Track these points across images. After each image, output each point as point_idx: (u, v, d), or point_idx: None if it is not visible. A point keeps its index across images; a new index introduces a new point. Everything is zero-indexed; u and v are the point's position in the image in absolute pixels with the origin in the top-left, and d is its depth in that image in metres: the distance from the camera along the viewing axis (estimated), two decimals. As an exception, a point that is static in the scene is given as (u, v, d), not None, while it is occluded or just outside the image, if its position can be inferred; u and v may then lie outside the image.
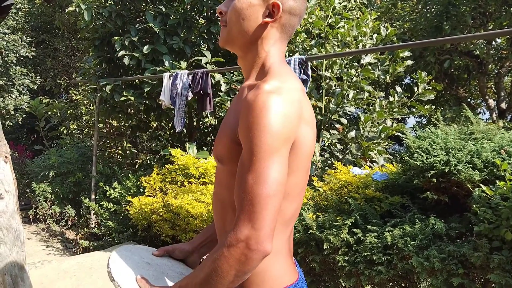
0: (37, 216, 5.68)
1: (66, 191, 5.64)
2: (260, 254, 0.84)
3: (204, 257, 1.28)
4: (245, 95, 0.97)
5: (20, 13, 9.60)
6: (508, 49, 6.90)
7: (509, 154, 2.39)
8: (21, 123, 9.05)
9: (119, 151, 6.73)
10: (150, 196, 4.07)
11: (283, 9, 1.00)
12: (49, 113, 7.53)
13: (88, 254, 4.14)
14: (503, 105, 7.66)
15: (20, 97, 8.25)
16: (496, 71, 7.77)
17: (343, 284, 2.79)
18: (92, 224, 5.29)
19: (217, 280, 0.87)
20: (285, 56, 4.94)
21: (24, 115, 8.69)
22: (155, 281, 1.11)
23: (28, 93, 8.71)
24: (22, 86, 8.41)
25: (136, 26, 5.09)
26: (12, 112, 8.18)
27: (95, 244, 4.79)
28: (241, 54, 1.08)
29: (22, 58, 8.78)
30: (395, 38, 4.71)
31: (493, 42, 7.27)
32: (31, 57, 8.77)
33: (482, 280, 2.32)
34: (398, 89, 4.44)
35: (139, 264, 1.19)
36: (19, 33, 9.03)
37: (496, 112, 7.69)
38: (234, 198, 0.92)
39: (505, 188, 2.12)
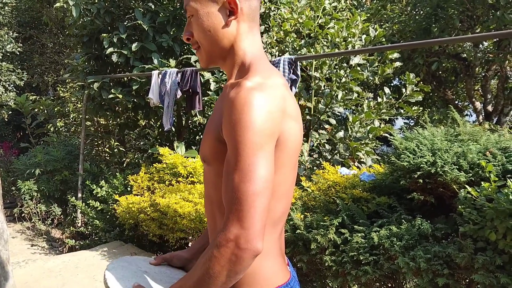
0: (22, 215, 5.61)
1: (52, 189, 5.57)
2: (251, 253, 0.83)
3: None
4: (227, 93, 0.96)
5: (6, 8, 9.45)
6: (495, 53, 6.99)
7: (494, 156, 2.42)
8: (7, 120, 8.92)
9: (107, 150, 6.68)
10: (137, 195, 4.04)
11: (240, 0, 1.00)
12: (36, 110, 7.44)
13: (74, 253, 4.09)
14: (490, 108, 7.77)
15: (6, 94, 8.12)
16: (483, 74, 7.87)
17: (330, 284, 2.80)
18: (78, 223, 5.23)
19: (209, 281, 0.86)
20: (275, 55, 4.96)
21: (10, 112, 8.56)
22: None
23: (15, 90, 8.59)
24: (8, 83, 8.29)
25: (125, 23, 5.04)
26: (-2, 109, 8.07)
27: (81, 243, 4.74)
28: (222, 61, 1.07)
29: (8, 54, 8.65)
30: (383, 40, 4.74)
31: (480, 45, 7.37)
32: (18, 53, 8.65)
33: (466, 280, 2.34)
34: (387, 90, 4.47)
35: (136, 273, 1.18)
36: (6, 28, 8.89)
37: (483, 114, 7.79)
38: (222, 198, 0.91)
39: (489, 189, 2.15)
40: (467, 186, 2.29)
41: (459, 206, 2.27)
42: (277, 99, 0.93)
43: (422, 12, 7.35)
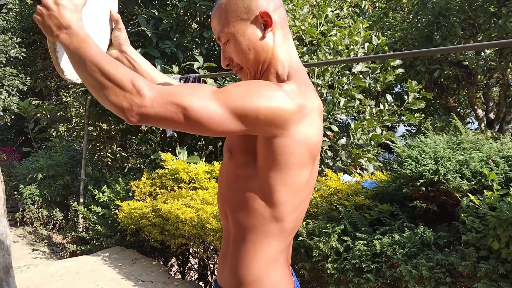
0: (24, 219, 5.61)
1: (54, 194, 5.58)
2: (128, 105, 0.85)
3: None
4: None
5: (11, 13, 9.51)
6: (497, 61, 7.01)
7: (497, 164, 2.42)
8: (9, 124, 8.94)
9: (109, 155, 6.69)
10: (139, 200, 4.04)
11: (271, 11, 1.01)
12: (39, 114, 7.48)
13: (75, 258, 4.09)
14: (491, 115, 7.77)
15: (9, 98, 8.14)
16: (485, 82, 7.88)
17: (331, 291, 2.79)
18: (80, 228, 5.23)
19: (96, 70, 0.88)
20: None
21: (13, 116, 8.57)
22: (87, 15, 1.09)
23: (18, 94, 8.61)
24: (11, 87, 8.31)
25: (129, 29, 5.07)
26: (1, 113, 8.07)
27: (83, 248, 4.74)
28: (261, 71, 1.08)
29: (12, 59, 8.68)
30: (386, 48, 4.75)
31: (482, 53, 7.38)
32: (21, 58, 8.68)
33: (469, 289, 2.34)
34: (389, 97, 4.48)
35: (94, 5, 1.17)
36: (10, 33, 8.95)
37: (485, 122, 7.79)
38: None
39: (492, 198, 2.15)
40: (469, 194, 2.29)
41: (462, 215, 2.27)
42: (295, 109, 0.93)
43: (424, 20, 7.37)
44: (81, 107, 7.66)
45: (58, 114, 7.64)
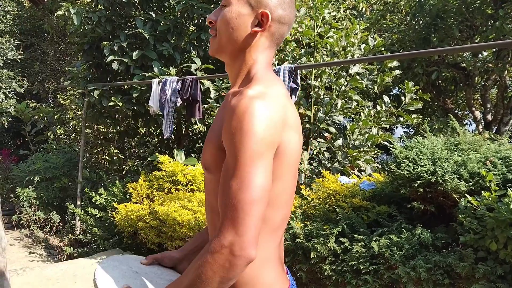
0: (21, 222, 5.58)
1: (51, 197, 5.55)
2: (244, 260, 0.83)
3: None
4: (229, 101, 0.97)
5: (8, 16, 9.50)
6: (494, 62, 7.02)
7: (494, 165, 2.42)
8: (6, 127, 8.91)
9: (106, 157, 6.66)
10: (136, 203, 4.03)
11: (272, 18, 1.01)
12: (36, 117, 7.45)
13: (72, 261, 4.07)
14: (489, 117, 7.77)
15: (6, 101, 8.12)
16: (482, 84, 7.89)
17: (329, 293, 2.77)
18: (77, 230, 5.21)
19: (201, 286, 0.86)
20: (275, 64, 4.99)
21: (10, 119, 8.55)
22: None
23: (15, 97, 8.59)
24: (9, 90, 8.29)
25: (126, 31, 5.07)
26: (-2, 116, 8.06)
27: (80, 251, 4.71)
28: (230, 61, 1.08)
29: (9, 61, 8.67)
30: (383, 49, 4.75)
31: (480, 55, 7.39)
32: (19, 61, 8.67)
33: (467, 290, 2.33)
34: (386, 98, 4.48)
35: (127, 273, 1.17)
36: (7, 36, 8.93)
37: (482, 123, 7.79)
38: (218, 203, 0.91)
39: (490, 198, 2.14)
40: (467, 195, 2.28)
41: (460, 216, 2.27)
42: (278, 109, 0.93)
43: (421, 22, 7.38)
44: (79, 110, 7.64)
45: (55, 116, 7.62)
